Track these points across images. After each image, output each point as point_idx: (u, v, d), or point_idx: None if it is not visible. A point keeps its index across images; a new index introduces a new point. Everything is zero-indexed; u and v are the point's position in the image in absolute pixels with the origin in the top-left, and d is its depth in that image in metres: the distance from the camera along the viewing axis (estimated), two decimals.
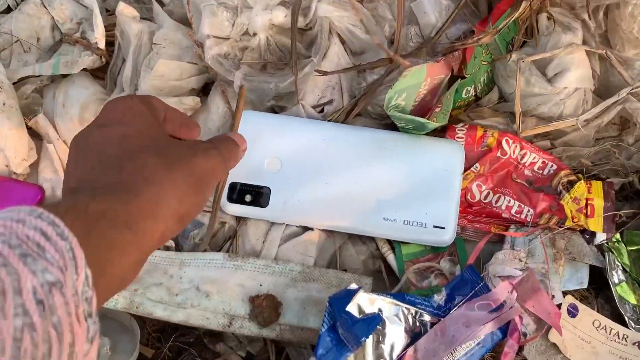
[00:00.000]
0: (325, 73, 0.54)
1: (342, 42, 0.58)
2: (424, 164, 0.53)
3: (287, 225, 0.53)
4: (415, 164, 0.53)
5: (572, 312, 0.50)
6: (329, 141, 0.54)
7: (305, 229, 0.53)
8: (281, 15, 0.55)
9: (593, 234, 0.50)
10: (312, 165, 0.53)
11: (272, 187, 0.52)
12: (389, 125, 0.57)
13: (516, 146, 0.54)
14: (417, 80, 0.52)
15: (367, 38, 0.57)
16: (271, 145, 0.54)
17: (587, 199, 0.50)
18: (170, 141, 0.38)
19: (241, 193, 0.53)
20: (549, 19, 0.56)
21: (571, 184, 0.52)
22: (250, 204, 0.52)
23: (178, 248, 0.55)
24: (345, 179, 0.53)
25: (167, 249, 0.54)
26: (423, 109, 0.55)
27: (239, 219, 0.54)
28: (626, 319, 0.50)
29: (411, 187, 0.52)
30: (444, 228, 0.51)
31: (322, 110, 0.57)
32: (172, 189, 0.34)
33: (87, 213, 0.28)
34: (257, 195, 0.52)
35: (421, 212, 0.52)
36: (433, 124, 0.53)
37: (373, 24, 0.58)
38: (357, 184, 0.52)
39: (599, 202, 0.50)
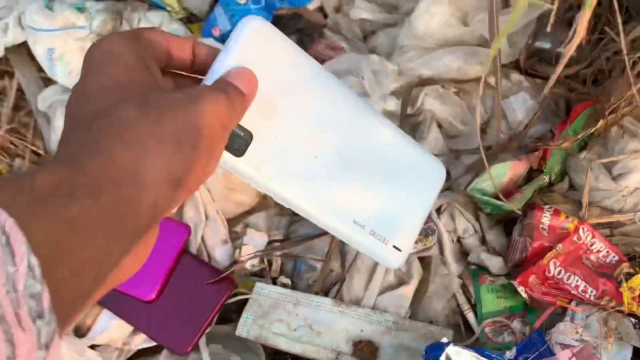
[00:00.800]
0: None
1: (439, 126, 0.69)
2: (408, 175, 0.46)
3: (385, 277, 0.65)
4: (401, 172, 0.46)
5: None
6: (338, 108, 0.43)
7: (401, 282, 0.65)
8: (393, 104, 0.67)
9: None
10: (309, 129, 0.42)
11: (255, 134, 0.40)
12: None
13: (588, 234, 0.64)
14: (501, 172, 0.63)
15: (462, 127, 0.68)
16: (273, 81, 0.40)
17: None
18: (162, 88, 0.32)
19: None
20: (618, 126, 0.66)
21: (630, 275, 0.62)
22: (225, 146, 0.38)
23: (294, 286, 0.67)
24: (336, 162, 0.43)
25: (284, 286, 0.67)
26: (504, 194, 0.66)
27: (344, 266, 0.66)
28: None
29: (390, 196, 0.46)
30: (400, 251, 0.46)
31: None
32: (159, 147, 0.27)
33: (32, 187, 0.23)
34: (236, 137, 0.39)
35: (388, 227, 0.46)
36: (508, 206, 0.64)
37: (468, 116, 0.69)
38: (346, 174, 0.44)
39: None
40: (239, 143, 0.39)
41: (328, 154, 0.43)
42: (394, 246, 0.46)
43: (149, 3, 0.80)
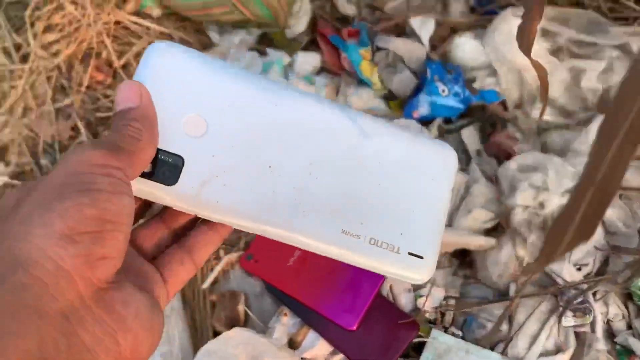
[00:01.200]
0: (596, 248, 0.79)
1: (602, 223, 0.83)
2: (403, 167, 0.40)
3: (546, 342, 0.78)
4: (396, 164, 0.40)
5: None
6: (283, 109, 0.38)
7: (558, 350, 0.78)
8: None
9: None
10: (252, 138, 0.38)
11: (187, 157, 0.36)
12: None
13: None
14: None
15: (623, 227, 0.81)
16: (196, 97, 0.37)
17: None
18: None
19: None
20: None
21: None
22: (151, 177, 0.35)
23: (463, 337, 0.81)
24: (297, 167, 0.38)
25: (455, 335, 0.81)
26: None
27: (511, 328, 0.80)
28: None
29: (386, 195, 0.39)
30: (421, 258, 0.39)
31: (579, 269, 0.82)
32: (29, 216, 0.27)
33: None
34: (162, 165, 0.35)
35: (394, 231, 0.39)
36: None
37: (629, 218, 0.82)
38: (314, 178, 0.38)
39: None
40: (168, 170, 0.35)
41: (285, 161, 0.38)
42: (410, 253, 0.39)
43: (357, 79, 0.97)
